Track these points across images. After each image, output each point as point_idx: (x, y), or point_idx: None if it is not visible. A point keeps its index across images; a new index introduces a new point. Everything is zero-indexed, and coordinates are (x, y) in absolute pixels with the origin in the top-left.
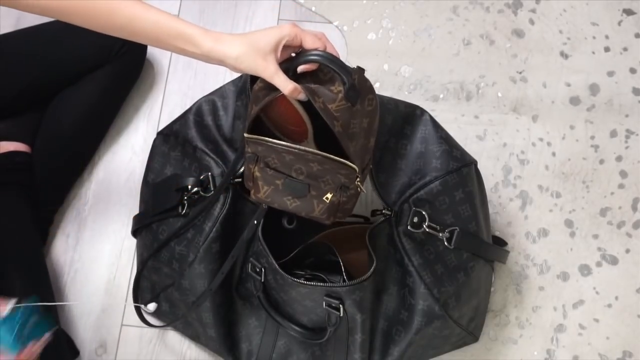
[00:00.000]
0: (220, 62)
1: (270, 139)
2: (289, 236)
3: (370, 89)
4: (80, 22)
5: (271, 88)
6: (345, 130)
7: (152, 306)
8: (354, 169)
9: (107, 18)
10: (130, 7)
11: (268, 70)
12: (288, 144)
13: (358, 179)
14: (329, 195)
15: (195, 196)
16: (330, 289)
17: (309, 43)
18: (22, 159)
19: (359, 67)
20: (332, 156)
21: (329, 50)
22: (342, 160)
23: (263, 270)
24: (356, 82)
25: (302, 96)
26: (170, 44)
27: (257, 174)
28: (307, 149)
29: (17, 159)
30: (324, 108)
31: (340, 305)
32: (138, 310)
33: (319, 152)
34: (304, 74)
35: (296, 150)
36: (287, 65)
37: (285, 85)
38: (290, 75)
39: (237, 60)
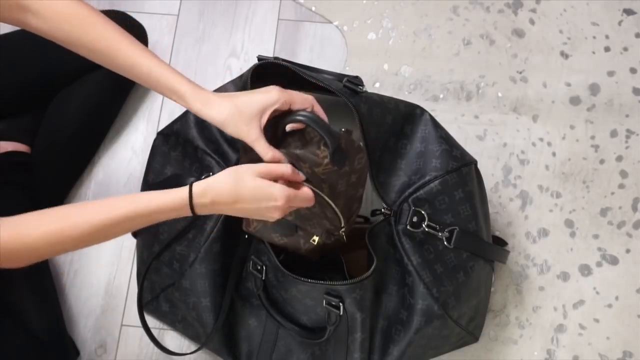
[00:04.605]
0: (207, 121)
1: None
2: None
3: (359, 148)
4: (84, 55)
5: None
6: (332, 191)
7: None
8: (339, 218)
9: (107, 58)
10: (129, 54)
11: (250, 136)
12: None
13: (342, 230)
14: (316, 238)
15: None
16: (331, 287)
17: (298, 104)
18: (22, 159)
19: (346, 130)
20: (327, 199)
21: (317, 111)
22: (333, 205)
23: (264, 268)
24: (343, 145)
25: (284, 162)
26: (162, 94)
27: None
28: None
29: (17, 159)
30: (311, 173)
31: (340, 304)
32: (149, 333)
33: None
34: (293, 132)
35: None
36: (277, 121)
37: (265, 152)
38: (279, 133)
39: (222, 125)
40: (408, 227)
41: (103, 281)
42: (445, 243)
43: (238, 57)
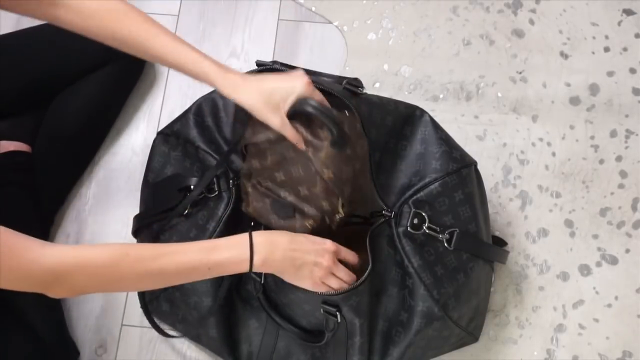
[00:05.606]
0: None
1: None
2: None
3: (360, 133)
4: (113, 46)
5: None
6: (337, 177)
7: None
8: (337, 204)
9: (138, 51)
10: (160, 46)
11: (277, 123)
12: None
13: (338, 216)
14: (311, 222)
15: (199, 196)
16: (326, 297)
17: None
18: (23, 158)
19: (349, 112)
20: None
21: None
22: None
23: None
24: (346, 128)
25: (303, 147)
26: (195, 78)
27: (249, 189)
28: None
29: (18, 158)
30: (315, 159)
31: (337, 313)
32: (159, 330)
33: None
34: (300, 114)
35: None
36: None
37: (293, 137)
38: (288, 113)
39: (250, 110)
40: (409, 229)
41: None
42: (445, 245)
43: (238, 57)
